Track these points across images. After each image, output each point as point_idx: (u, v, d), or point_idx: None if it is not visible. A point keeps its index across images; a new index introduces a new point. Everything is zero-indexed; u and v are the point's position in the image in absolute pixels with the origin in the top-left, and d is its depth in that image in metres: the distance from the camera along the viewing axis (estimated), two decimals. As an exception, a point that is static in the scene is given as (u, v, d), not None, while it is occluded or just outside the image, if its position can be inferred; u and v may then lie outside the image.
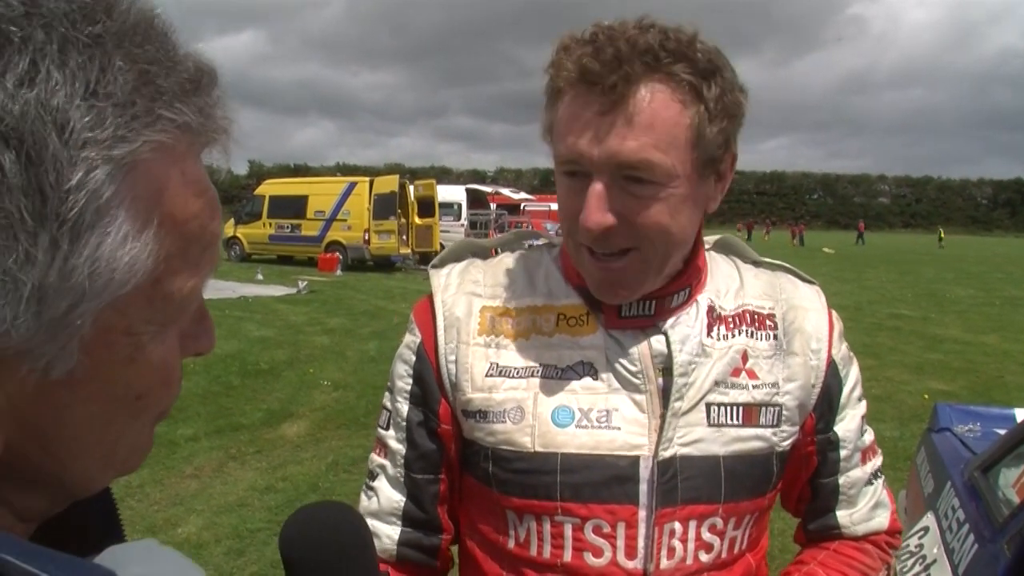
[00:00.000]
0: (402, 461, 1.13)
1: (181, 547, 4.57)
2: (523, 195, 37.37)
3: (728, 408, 1.07)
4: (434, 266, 1.20)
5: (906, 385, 9.06)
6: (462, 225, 27.23)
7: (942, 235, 67.57)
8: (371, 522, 1.11)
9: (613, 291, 1.05)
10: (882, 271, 28.64)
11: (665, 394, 1.06)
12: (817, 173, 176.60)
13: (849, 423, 1.16)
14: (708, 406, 1.06)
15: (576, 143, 0.97)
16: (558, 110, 1.01)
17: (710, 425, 1.06)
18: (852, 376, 1.18)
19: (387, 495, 1.14)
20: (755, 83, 1.04)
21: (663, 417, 1.05)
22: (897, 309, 16.40)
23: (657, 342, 1.08)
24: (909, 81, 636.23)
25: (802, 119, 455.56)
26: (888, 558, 1.22)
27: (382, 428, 1.16)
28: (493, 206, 30.79)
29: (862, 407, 1.20)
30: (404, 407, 1.13)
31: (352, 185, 25.16)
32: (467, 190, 30.33)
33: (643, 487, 1.03)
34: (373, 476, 1.16)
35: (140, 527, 4.87)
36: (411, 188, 24.62)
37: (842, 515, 1.18)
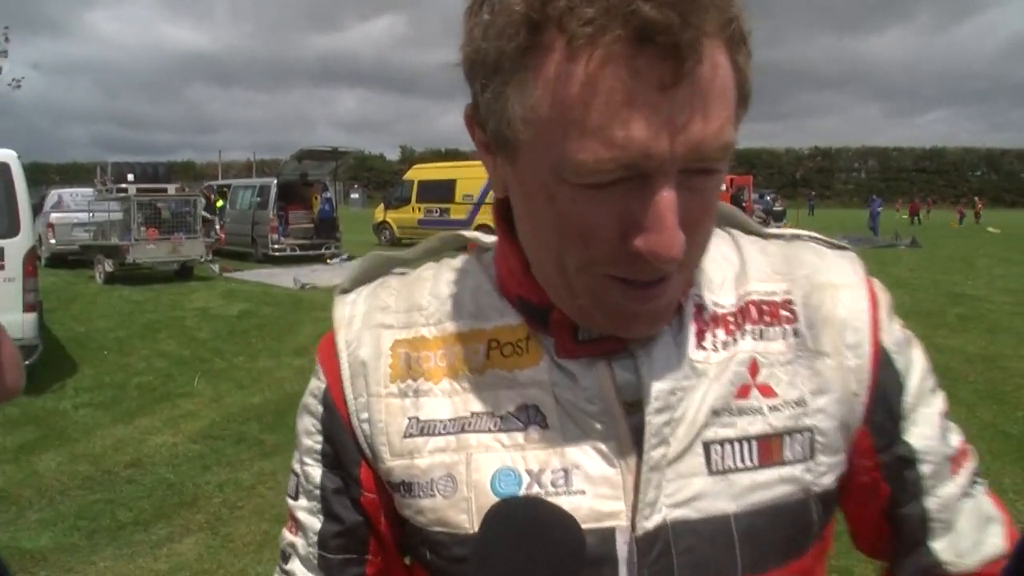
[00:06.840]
0: (315, 539, 0.86)
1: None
2: None
3: (736, 445, 0.77)
4: (343, 291, 0.92)
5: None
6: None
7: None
8: None
9: (653, 324, 0.75)
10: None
11: (641, 438, 0.76)
12: (980, 148, 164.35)
13: (925, 427, 0.82)
14: (707, 446, 0.77)
15: (632, 138, 0.61)
16: (558, 81, 0.62)
17: (712, 473, 0.76)
18: (917, 363, 0.83)
19: None
20: (908, 53, 0.70)
21: (639, 471, 0.76)
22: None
23: (622, 368, 0.77)
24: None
25: (962, 90, 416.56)
26: None
27: (291, 497, 0.90)
28: None
29: (939, 401, 0.84)
30: (316, 471, 0.87)
31: (500, 168, 25.25)
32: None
33: (623, 570, 0.74)
34: (286, 557, 0.90)
35: (268, 516, 4.99)
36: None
37: (941, 547, 0.82)
